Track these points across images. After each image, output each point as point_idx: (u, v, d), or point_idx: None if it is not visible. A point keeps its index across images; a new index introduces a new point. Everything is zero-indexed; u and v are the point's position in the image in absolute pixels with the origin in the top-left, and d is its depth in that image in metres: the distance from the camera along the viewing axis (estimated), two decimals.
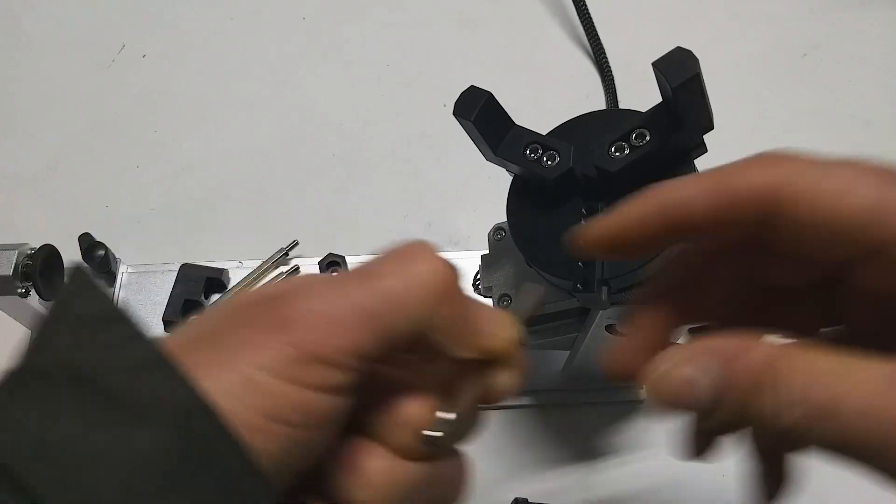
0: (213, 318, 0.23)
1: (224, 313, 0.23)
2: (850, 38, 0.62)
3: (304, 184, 0.58)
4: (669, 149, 0.31)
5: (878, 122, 0.58)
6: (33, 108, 0.64)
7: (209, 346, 0.21)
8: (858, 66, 0.61)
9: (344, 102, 0.62)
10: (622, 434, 0.47)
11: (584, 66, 0.62)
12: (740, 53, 0.62)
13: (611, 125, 0.32)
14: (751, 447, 0.27)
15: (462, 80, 0.34)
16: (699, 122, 0.30)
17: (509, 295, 0.39)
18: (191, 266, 0.52)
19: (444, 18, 0.66)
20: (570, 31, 0.64)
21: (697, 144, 0.31)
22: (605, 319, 0.37)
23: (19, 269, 0.41)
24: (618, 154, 0.31)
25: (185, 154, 0.60)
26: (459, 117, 0.33)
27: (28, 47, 0.67)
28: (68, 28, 0.68)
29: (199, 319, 0.23)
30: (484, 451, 0.46)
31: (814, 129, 0.58)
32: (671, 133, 0.30)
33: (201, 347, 0.21)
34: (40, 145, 0.62)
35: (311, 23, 0.66)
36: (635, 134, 0.31)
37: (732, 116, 0.57)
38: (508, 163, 0.34)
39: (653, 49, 0.29)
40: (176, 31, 0.67)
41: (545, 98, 0.60)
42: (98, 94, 0.64)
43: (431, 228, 0.56)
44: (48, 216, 0.58)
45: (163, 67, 0.65)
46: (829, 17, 0.63)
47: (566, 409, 0.47)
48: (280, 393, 0.20)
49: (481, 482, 0.45)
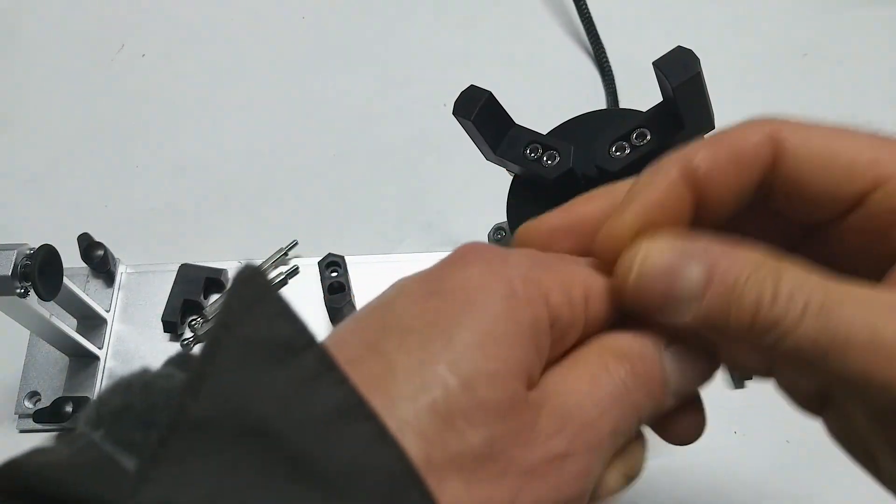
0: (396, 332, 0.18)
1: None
2: (851, 38, 0.62)
3: (303, 184, 0.58)
4: (670, 148, 0.31)
5: (878, 123, 0.58)
6: (32, 107, 0.64)
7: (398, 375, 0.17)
8: (859, 66, 0.61)
9: (344, 102, 0.61)
10: None
11: (585, 65, 0.62)
12: (741, 53, 0.62)
13: (611, 125, 0.32)
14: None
15: (462, 79, 0.34)
16: (700, 122, 0.30)
17: None
18: (190, 266, 0.52)
19: (444, 18, 0.66)
20: (570, 30, 0.64)
21: None
22: None
23: (18, 269, 0.41)
24: (618, 154, 0.31)
25: (185, 154, 0.60)
26: (459, 117, 0.33)
27: (27, 47, 0.67)
28: (67, 28, 0.68)
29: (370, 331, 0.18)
30: None
31: None
32: (672, 133, 0.30)
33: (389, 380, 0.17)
34: (39, 145, 0.62)
35: (311, 23, 0.66)
36: (636, 133, 0.31)
37: (733, 116, 0.56)
38: (508, 162, 0.34)
39: (653, 48, 0.29)
40: (175, 31, 0.67)
41: (545, 98, 0.60)
42: (97, 94, 0.64)
43: (431, 228, 0.56)
44: (47, 216, 0.58)
45: (162, 67, 0.65)
46: (830, 17, 0.63)
47: None
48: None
49: None
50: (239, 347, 0.15)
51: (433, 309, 0.18)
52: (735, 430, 0.46)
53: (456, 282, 0.19)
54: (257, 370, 0.15)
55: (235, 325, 0.16)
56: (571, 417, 0.19)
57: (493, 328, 0.18)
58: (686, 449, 0.45)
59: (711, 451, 0.46)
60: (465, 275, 0.19)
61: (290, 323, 0.16)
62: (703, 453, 0.46)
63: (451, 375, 0.17)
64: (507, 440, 0.17)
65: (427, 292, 0.19)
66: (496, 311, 0.18)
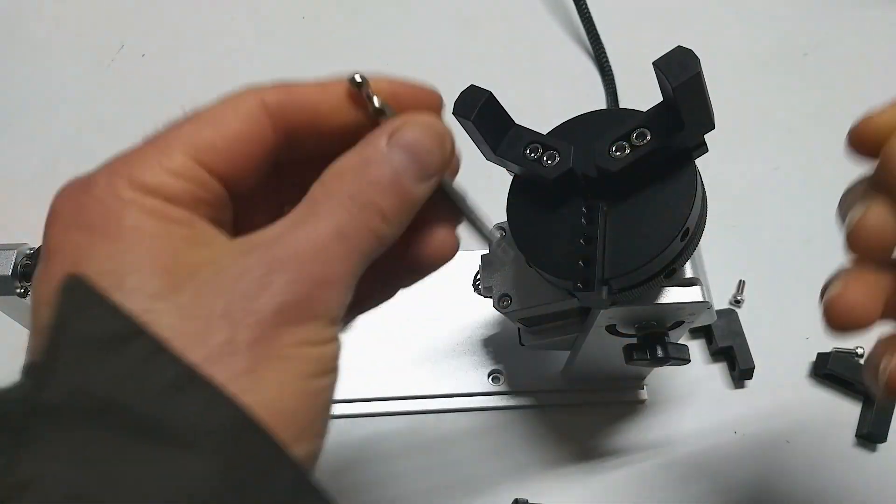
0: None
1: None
2: (852, 38, 0.62)
3: None
4: (670, 148, 0.31)
5: None
6: (32, 107, 0.64)
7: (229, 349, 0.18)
8: (860, 66, 0.61)
9: None
10: (622, 435, 0.47)
11: (585, 65, 0.62)
12: (741, 52, 0.62)
13: (611, 124, 0.32)
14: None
15: (462, 79, 0.34)
16: (700, 122, 0.30)
17: (509, 295, 0.39)
18: None
19: (444, 18, 0.66)
20: (570, 30, 0.64)
21: (699, 144, 0.31)
22: (606, 320, 0.37)
23: (18, 269, 0.41)
24: (618, 154, 0.31)
25: None
26: (459, 116, 0.32)
27: (27, 47, 0.67)
28: (68, 28, 0.68)
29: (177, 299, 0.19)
30: (484, 452, 0.46)
31: (815, 129, 0.58)
32: (672, 133, 0.30)
33: (218, 350, 0.18)
34: (39, 145, 0.62)
35: (311, 23, 0.66)
36: (636, 133, 0.31)
37: (733, 116, 0.57)
38: (508, 162, 0.34)
39: (653, 48, 0.29)
40: (175, 30, 0.67)
41: (545, 98, 0.60)
42: (97, 93, 0.64)
43: None
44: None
45: (162, 67, 0.65)
46: (830, 17, 0.63)
47: (567, 409, 0.47)
48: (309, 389, 0.19)
49: (481, 483, 0.45)
50: (74, 342, 0.17)
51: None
52: (735, 430, 0.46)
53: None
54: (95, 359, 0.17)
55: (68, 326, 0.17)
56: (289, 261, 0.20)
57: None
58: (686, 449, 0.46)
59: (711, 451, 0.46)
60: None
61: (118, 318, 0.17)
62: (704, 453, 0.46)
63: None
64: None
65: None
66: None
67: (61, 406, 0.16)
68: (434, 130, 0.23)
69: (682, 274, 0.36)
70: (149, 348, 0.17)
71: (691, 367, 0.47)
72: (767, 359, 0.48)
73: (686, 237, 0.32)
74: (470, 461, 0.46)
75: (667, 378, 0.48)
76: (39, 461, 0.15)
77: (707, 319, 0.38)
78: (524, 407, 0.47)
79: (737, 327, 0.48)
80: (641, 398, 0.47)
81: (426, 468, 0.45)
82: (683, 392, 0.48)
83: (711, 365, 0.49)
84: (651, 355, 0.37)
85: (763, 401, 0.47)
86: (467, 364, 0.48)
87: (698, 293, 0.35)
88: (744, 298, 0.50)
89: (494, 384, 0.48)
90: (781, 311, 0.50)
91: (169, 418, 0.16)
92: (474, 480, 0.45)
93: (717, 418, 0.47)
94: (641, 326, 0.37)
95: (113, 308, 0.18)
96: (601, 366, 0.44)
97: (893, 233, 0.26)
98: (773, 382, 0.48)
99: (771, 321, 0.50)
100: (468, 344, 0.49)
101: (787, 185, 0.55)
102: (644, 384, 0.48)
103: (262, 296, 0.18)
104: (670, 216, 0.31)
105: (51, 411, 0.16)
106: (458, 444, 0.46)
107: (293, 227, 0.20)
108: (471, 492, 0.45)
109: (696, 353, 0.49)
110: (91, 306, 0.18)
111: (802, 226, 0.54)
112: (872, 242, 0.26)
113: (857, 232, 0.26)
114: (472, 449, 0.46)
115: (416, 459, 0.46)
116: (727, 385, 0.48)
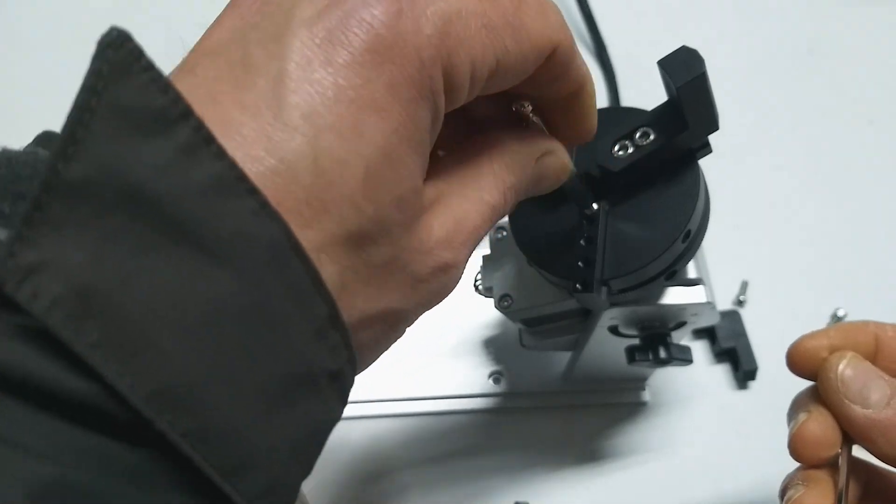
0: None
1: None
2: (856, 35, 0.62)
3: None
4: (674, 148, 0.30)
5: (882, 120, 0.58)
6: (32, 107, 0.64)
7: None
8: (864, 63, 0.60)
9: None
10: (624, 437, 0.46)
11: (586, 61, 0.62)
12: (744, 49, 0.61)
13: (613, 123, 0.31)
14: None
15: None
16: (704, 122, 0.29)
17: (510, 295, 0.39)
18: None
19: None
20: (571, 26, 0.64)
21: (703, 145, 0.31)
22: (609, 320, 0.36)
23: None
24: (621, 153, 0.31)
25: None
26: None
27: (27, 47, 0.67)
28: (68, 28, 0.67)
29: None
30: (485, 453, 0.46)
31: (819, 126, 0.57)
32: (676, 132, 0.30)
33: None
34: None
35: None
36: (639, 133, 0.30)
37: (736, 113, 0.56)
38: None
39: (655, 45, 0.28)
40: (175, 30, 0.67)
41: None
42: None
43: None
44: None
45: (161, 67, 0.64)
46: (834, 14, 0.63)
47: (568, 411, 0.47)
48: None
49: (482, 485, 0.45)
50: (110, 114, 0.14)
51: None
52: (738, 431, 0.46)
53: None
54: (131, 138, 0.14)
55: (105, 92, 0.15)
56: (460, 230, 0.20)
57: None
58: (689, 451, 0.45)
59: (714, 453, 0.45)
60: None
61: (164, 92, 0.15)
62: (705, 454, 0.45)
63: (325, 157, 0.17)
64: (399, 237, 0.18)
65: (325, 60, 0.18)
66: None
67: (85, 185, 0.14)
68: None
69: (684, 274, 0.36)
70: (194, 136, 0.15)
71: (694, 369, 0.46)
72: (771, 360, 0.47)
73: (688, 239, 0.31)
74: (470, 463, 0.45)
75: (669, 379, 0.48)
76: (52, 245, 0.13)
77: (710, 320, 0.38)
78: (525, 408, 0.47)
79: (740, 328, 0.48)
80: (643, 400, 0.47)
81: (426, 470, 0.45)
82: (686, 393, 0.47)
83: (714, 366, 0.49)
84: (654, 356, 0.37)
85: (764, 402, 0.47)
86: (468, 365, 0.48)
87: (702, 294, 0.35)
88: (747, 299, 0.50)
89: (495, 385, 0.47)
90: (785, 311, 0.50)
91: (204, 226, 0.14)
92: (475, 482, 0.45)
93: (721, 420, 0.46)
94: (644, 327, 0.37)
95: (159, 76, 0.15)
96: (603, 367, 0.44)
97: (830, 443, 0.28)
98: (777, 384, 0.48)
99: (775, 322, 0.49)
100: (469, 345, 0.49)
101: (792, 185, 0.55)
102: (646, 385, 0.47)
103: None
104: (672, 218, 0.30)
105: (72, 189, 0.14)
106: (459, 446, 0.46)
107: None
108: (471, 494, 0.44)
109: (698, 355, 0.48)
110: (135, 70, 0.15)
111: (806, 226, 0.53)
112: (810, 451, 0.28)
113: (796, 441, 0.29)
114: (472, 451, 0.46)
115: (417, 461, 0.45)
116: (730, 386, 0.48)
